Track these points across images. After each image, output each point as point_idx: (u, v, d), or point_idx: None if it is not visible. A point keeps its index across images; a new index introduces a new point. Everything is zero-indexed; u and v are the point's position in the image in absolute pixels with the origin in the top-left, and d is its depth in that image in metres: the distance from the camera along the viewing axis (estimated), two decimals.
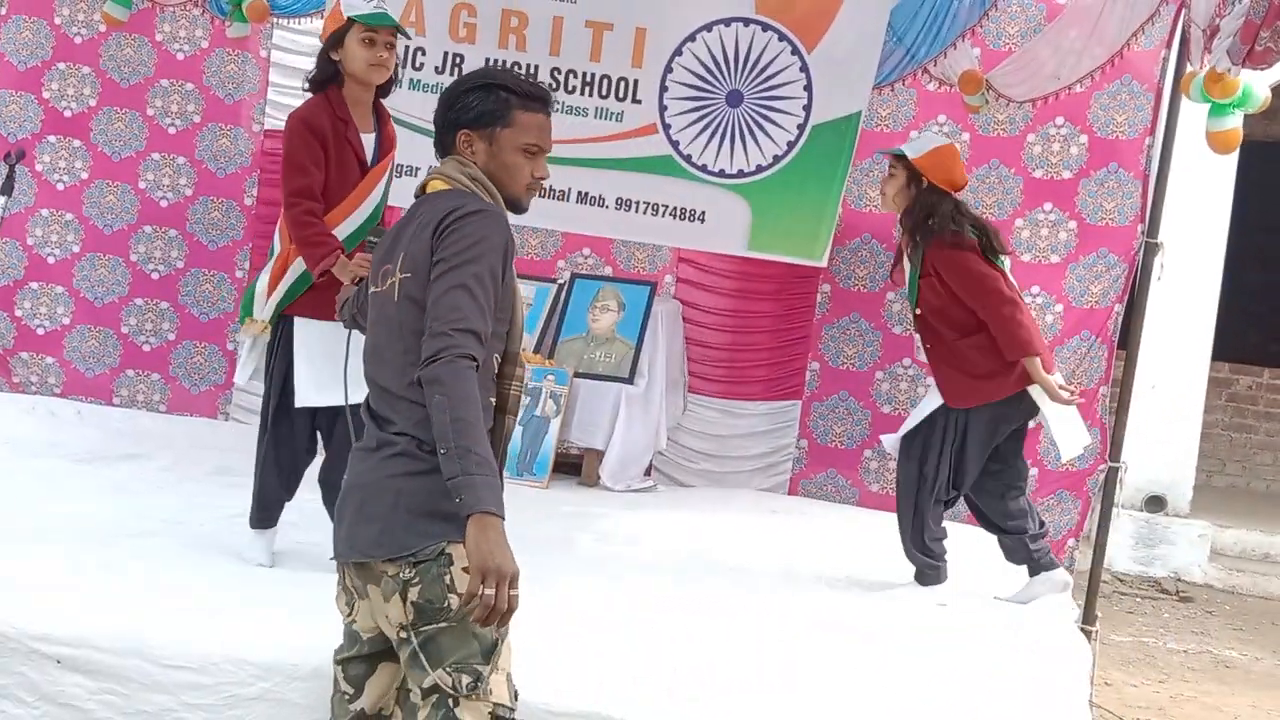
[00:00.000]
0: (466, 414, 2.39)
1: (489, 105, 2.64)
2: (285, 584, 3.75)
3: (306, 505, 4.19)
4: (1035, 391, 4.42)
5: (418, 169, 5.32)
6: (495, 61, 5.67)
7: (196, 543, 4.11)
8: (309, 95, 4.00)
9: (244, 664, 3.20)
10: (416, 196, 2.74)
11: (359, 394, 3.90)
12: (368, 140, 3.97)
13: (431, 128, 2.77)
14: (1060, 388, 4.40)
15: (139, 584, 3.59)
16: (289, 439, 4.02)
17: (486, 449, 2.40)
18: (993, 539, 4.71)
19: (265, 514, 4.08)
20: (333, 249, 3.80)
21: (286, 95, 6.46)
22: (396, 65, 4.00)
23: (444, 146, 2.74)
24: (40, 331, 6.70)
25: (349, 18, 3.85)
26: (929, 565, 4.59)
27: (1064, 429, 4.53)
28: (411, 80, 5.65)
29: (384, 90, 4.03)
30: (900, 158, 4.50)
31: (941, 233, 4.39)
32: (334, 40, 3.89)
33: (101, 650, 3.20)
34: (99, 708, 3.18)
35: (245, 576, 3.80)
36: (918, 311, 4.54)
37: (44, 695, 3.20)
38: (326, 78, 3.92)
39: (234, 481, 5.06)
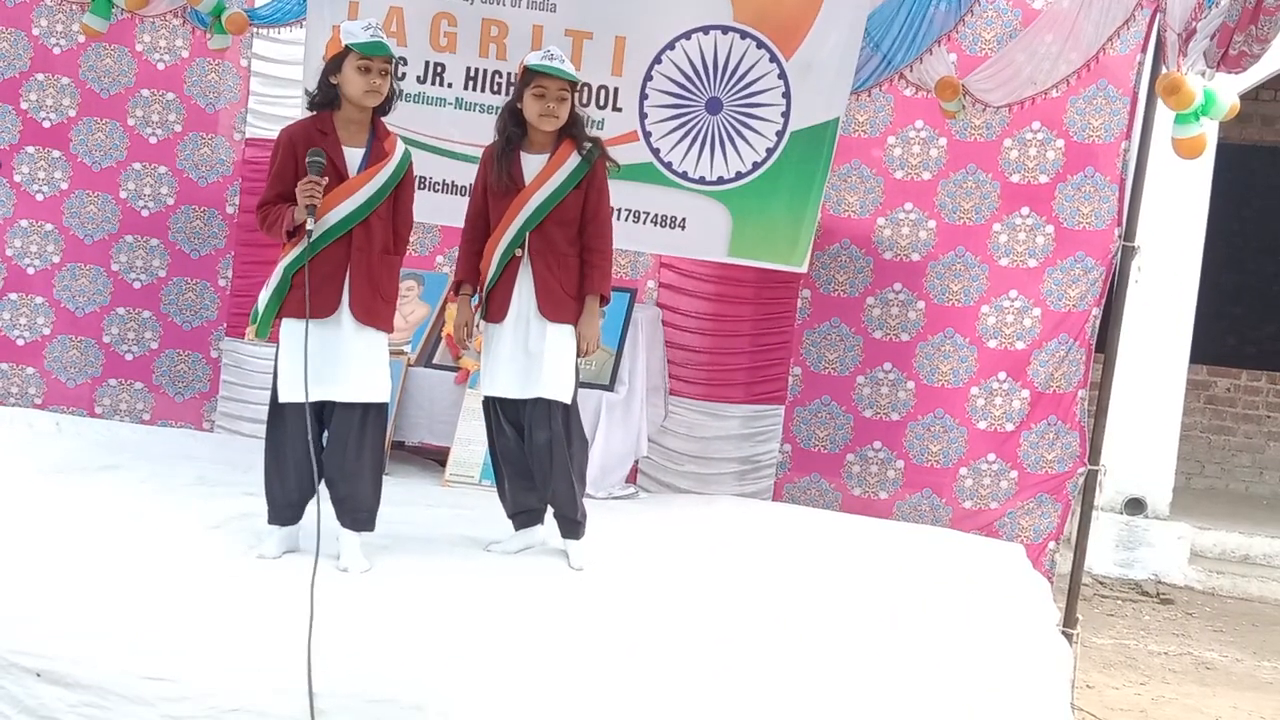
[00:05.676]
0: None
1: None
2: (265, 596, 3.74)
3: None
4: None
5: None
6: (476, 70, 5.69)
7: (176, 555, 4.09)
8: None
9: (223, 676, 3.20)
10: None
11: (323, 391, 4.00)
12: (354, 154, 4.14)
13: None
14: None
15: (118, 596, 3.58)
16: (283, 438, 4.15)
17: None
18: (978, 544, 4.73)
19: (274, 511, 4.21)
20: (289, 207, 4.04)
21: (268, 104, 6.49)
22: (395, 86, 4.20)
23: None
24: (20, 342, 6.68)
25: (346, 45, 4.03)
26: None
27: None
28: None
29: (383, 109, 4.22)
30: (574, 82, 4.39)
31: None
32: (333, 65, 4.08)
33: (81, 663, 3.20)
34: None
35: (225, 589, 3.78)
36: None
37: (25, 709, 3.19)
38: (326, 100, 4.13)
39: (213, 492, 5.05)
